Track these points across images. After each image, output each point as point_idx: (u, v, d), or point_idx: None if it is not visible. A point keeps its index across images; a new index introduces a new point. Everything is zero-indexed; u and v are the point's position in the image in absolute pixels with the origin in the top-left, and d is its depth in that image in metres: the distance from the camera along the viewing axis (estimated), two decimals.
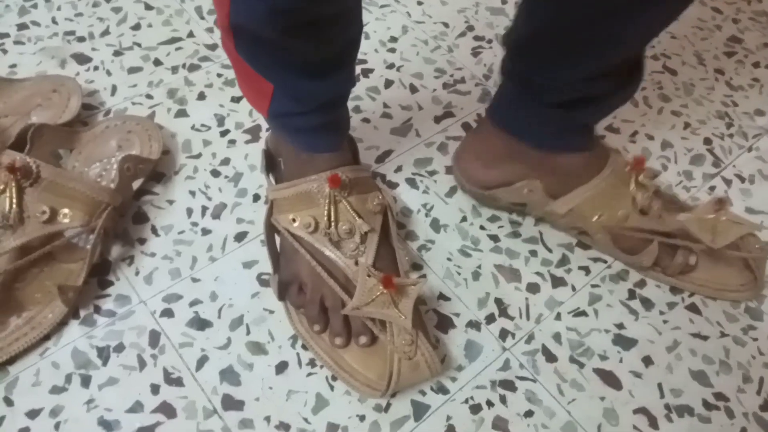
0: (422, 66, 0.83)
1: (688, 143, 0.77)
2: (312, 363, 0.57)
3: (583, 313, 0.62)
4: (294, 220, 0.58)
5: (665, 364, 0.60)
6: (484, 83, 0.82)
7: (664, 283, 0.64)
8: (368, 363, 0.55)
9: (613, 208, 0.62)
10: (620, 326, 0.62)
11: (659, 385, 0.58)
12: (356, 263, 0.57)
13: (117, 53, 0.80)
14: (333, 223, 0.57)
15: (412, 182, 0.71)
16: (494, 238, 0.67)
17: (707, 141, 0.78)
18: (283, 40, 0.48)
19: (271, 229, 0.61)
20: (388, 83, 0.80)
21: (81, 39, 0.81)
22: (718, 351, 0.61)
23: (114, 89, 0.76)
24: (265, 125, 0.74)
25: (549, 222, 0.67)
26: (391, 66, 0.82)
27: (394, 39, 0.86)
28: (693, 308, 0.63)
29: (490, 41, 0.87)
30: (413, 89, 0.80)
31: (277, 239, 0.62)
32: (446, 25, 0.88)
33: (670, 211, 0.62)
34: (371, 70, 0.82)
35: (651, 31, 0.53)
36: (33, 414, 0.53)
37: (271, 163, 0.65)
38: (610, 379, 0.58)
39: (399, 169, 0.72)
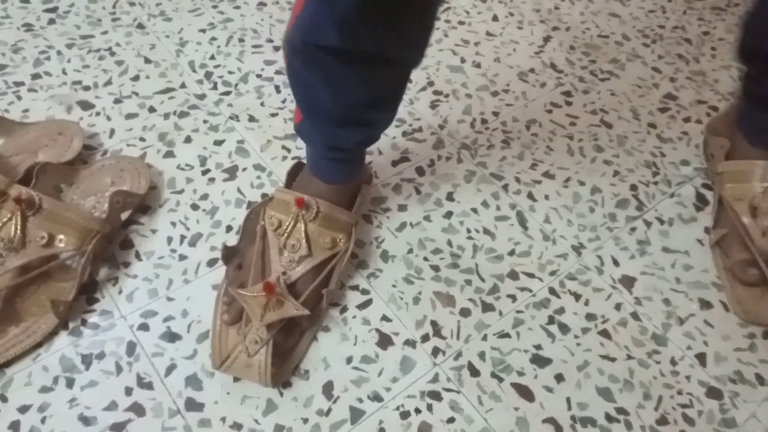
0: None
1: (615, 189, 0.87)
2: None
3: (507, 335, 0.71)
4: (272, 216, 0.70)
5: (575, 381, 0.68)
6: (438, 132, 0.92)
7: None
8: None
9: None
10: (538, 347, 0.70)
11: (568, 399, 0.67)
12: (284, 273, 0.67)
13: (117, 101, 0.91)
14: (286, 234, 0.68)
15: (367, 218, 0.81)
16: (435, 268, 0.76)
17: (633, 187, 0.87)
18: (342, 50, 0.54)
19: (254, 213, 0.72)
20: None
21: (86, 88, 0.93)
22: (624, 371, 0.69)
23: (112, 132, 0.87)
24: (241, 165, 0.85)
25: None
26: None
27: None
28: (604, 334, 0.72)
29: (447, 95, 0.98)
30: None
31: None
32: (410, 80, 0.99)
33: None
34: None
35: None
36: (23, 409, 0.62)
37: (295, 172, 0.77)
38: (524, 392, 0.67)
39: None
